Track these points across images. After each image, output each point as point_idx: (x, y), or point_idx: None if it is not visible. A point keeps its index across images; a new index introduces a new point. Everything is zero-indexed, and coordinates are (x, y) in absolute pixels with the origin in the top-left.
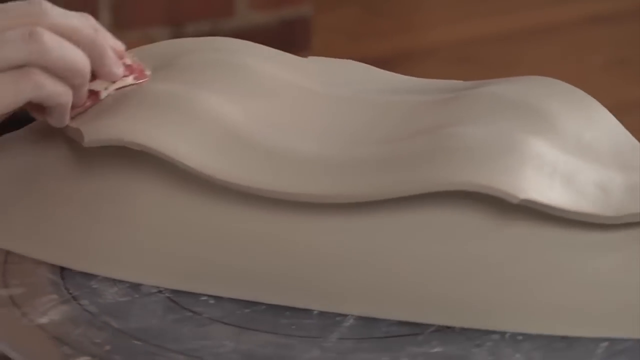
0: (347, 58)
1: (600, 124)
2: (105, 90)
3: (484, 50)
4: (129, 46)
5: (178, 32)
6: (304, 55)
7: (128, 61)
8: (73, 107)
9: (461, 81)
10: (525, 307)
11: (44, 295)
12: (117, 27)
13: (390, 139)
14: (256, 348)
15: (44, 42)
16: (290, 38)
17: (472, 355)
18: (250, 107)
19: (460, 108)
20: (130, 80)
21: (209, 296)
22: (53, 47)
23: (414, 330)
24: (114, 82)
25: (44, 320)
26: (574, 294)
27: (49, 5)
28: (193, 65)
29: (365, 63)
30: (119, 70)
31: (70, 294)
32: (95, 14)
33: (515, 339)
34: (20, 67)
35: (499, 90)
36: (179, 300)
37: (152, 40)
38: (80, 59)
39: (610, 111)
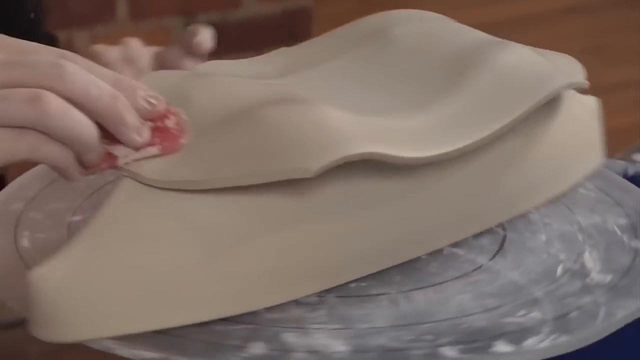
0: None
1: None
2: (125, 157)
3: None
4: (145, 36)
5: (190, 22)
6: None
7: (169, 122)
8: (86, 167)
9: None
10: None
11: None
12: (133, 17)
13: (431, 95)
14: (475, 294)
15: (47, 110)
16: (292, 28)
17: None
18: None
19: (420, 55)
20: (154, 151)
21: (355, 281)
22: (56, 115)
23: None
24: (137, 149)
25: None
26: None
27: (71, 70)
28: (220, 85)
29: None
30: (140, 137)
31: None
32: (112, 4)
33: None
34: (20, 126)
35: (410, 29)
36: (346, 293)
37: (166, 29)
38: (84, 130)
39: (588, 93)
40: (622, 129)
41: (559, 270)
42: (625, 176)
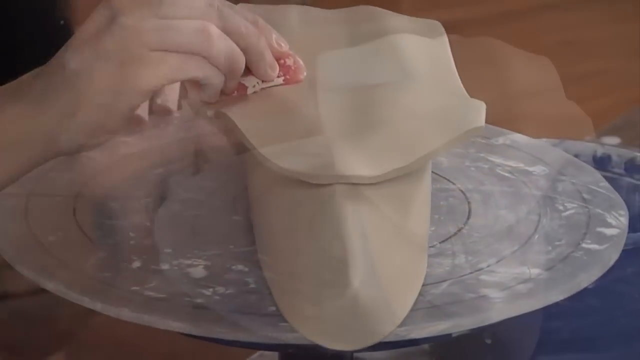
0: None
1: None
2: (253, 87)
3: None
4: None
5: None
6: None
7: (289, 61)
8: (222, 93)
9: None
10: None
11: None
12: None
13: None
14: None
15: (212, 39)
16: None
17: None
18: None
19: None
20: (279, 81)
21: None
22: (218, 44)
23: None
24: (263, 81)
25: None
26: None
27: (225, 11)
28: None
29: None
30: (272, 73)
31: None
32: None
33: None
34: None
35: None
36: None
37: None
38: (237, 59)
39: (562, 83)
40: (591, 115)
41: None
42: (595, 158)
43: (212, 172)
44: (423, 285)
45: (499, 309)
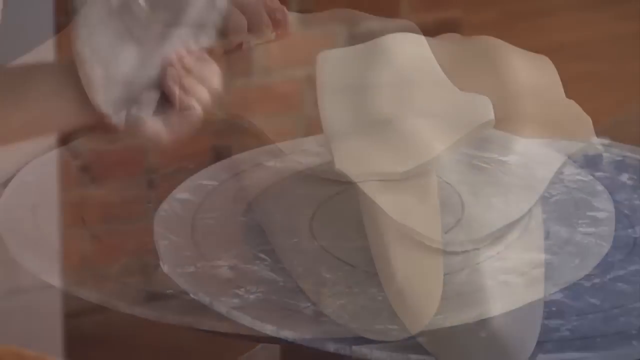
0: None
1: None
2: (248, 43)
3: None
4: None
5: None
6: None
7: (279, 15)
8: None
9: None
10: None
11: None
12: None
13: None
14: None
15: (221, 12)
16: None
17: None
18: None
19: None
20: (272, 36)
21: None
22: (226, 16)
23: None
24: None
25: None
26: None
27: None
28: None
29: None
30: (267, 31)
31: None
32: None
33: None
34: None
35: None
36: None
37: None
38: (241, 26)
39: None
40: None
41: None
42: (586, 157)
43: (207, 172)
44: (444, 274)
45: (522, 293)
